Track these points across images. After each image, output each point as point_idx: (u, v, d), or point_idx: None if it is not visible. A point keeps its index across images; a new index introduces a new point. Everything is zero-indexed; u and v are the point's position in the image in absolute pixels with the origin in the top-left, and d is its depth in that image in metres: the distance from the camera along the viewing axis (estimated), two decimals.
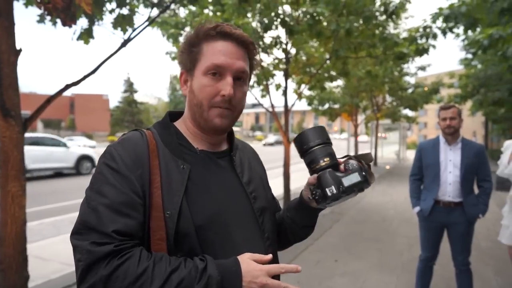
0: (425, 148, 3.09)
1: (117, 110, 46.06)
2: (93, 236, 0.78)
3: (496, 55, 7.76)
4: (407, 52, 6.16)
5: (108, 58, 3.04)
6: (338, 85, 13.31)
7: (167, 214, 0.84)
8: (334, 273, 4.02)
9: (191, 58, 0.94)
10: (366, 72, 8.63)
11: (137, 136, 0.92)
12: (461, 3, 4.93)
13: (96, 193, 0.83)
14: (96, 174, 0.87)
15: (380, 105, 16.10)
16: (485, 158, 2.95)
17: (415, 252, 4.68)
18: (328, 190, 0.89)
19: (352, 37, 5.64)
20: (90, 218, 0.80)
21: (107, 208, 0.81)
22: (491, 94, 12.06)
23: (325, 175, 0.90)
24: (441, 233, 3.03)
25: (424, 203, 3.01)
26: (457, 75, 15.60)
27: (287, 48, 6.53)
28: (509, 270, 3.98)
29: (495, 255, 4.64)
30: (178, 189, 0.87)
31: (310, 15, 4.86)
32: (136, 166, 0.86)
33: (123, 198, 0.82)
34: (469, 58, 14.20)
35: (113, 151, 0.88)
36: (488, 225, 5.87)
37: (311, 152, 0.95)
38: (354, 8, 5.30)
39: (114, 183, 0.83)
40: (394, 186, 10.71)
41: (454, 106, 2.89)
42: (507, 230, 2.93)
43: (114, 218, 0.80)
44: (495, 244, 4.92)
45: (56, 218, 6.65)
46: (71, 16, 2.47)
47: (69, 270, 4.07)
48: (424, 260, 3.12)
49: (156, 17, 3.55)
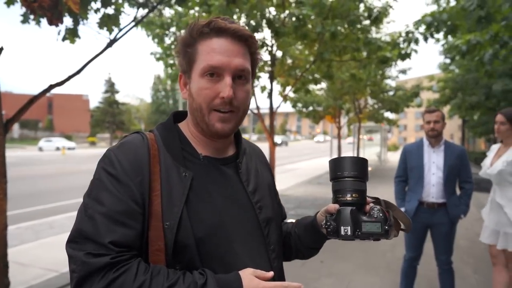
0: (409, 150, 3.17)
1: (98, 111, 45.06)
2: (88, 246, 0.74)
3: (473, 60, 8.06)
4: (390, 56, 6.31)
5: (94, 58, 2.98)
6: (321, 88, 13.48)
7: (166, 225, 0.80)
8: (320, 274, 4.06)
9: (187, 59, 0.88)
10: (350, 75, 8.78)
11: (137, 139, 0.87)
12: (442, 11, 5.09)
13: (94, 200, 0.79)
14: (94, 180, 0.83)
15: (363, 107, 16.39)
16: (467, 160, 3.05)
17: (398, 252, 4.78)
18: (343, 229, 0.84)
19: (337, 41, 5.74)
20: (86, 226, 0.76)
21: (105, 217, 0.77)
22: (468, 98, 12.47)
23: (346, 212, 0.84)
24: (425, 233, 3.11)
25: (408, 204, 3.08)
26: (436, 79, 16.08)
27: (273, 50, 6.57)
28: (487, 268, 4.12)
29: (474, 253, 4.79)
30: (178, 199, 0.82)
31: (296, 17, 4.91)
32: (136, 173, 0.81)
33: (121, 207, 0.78)
34: (447, 63, 14.66)
35: (112, 155, 0.83)
36: (466, 225, 6.05)
37: (342, 181, 0.88)
38: (339, 12, 5.40)
39: (112, 190, 0.79)
40: (376, 188, 10.90)
41: (438, 110, 2.98)
42: (487, 230, 3.04)
43: (111, 228, 0.76)
44: (474, 243, 5.09)
45: (35, 222, 6.45)
46: (58, 14, 2.41)
47: (50, 275, 3.95)
48: (409, 260, 3.19)
49: (143, 17, 3.51)
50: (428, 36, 5.38)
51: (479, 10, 4.80)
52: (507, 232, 2.82)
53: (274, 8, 5.87)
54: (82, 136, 48.44)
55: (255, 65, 0.94)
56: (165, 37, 6.19)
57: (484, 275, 4.06)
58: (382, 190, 10.61)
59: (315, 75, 8.13)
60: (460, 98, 13.38)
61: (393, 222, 0.90)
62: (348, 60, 7.79)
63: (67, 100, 51.37)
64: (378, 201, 0.92)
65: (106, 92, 44.97)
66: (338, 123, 14.20)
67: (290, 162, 21.08)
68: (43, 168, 17.07)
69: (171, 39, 6.23)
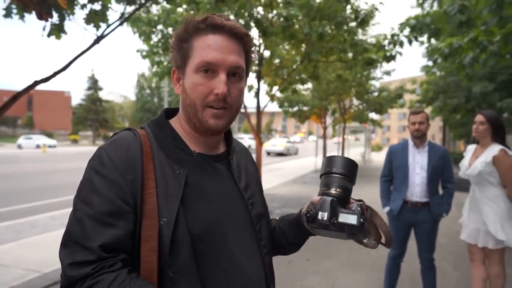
0: (395, 150, 3.24)
1: (80, 108, 44.11)
2: (75, 252, 0.73)
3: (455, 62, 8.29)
4: (375, 58, 6.43)
5: (81, 55, 2.93)
6: (308, 88, 13.60)
7: (163, 221, 0.78)
8: (306, 272, 4.11)
9: (182, 54, 0.87)
10: (336, 76, 8.89)
11: (129, 136, 0.85)
12: (426, 14, 5.22)
13: (82, 202, 0.77)
14: (83, 180, 0.80)
15: (348, 108, 16.62)
16: (449, 161, 3.14)
17: (382, 250, 4.86)
18: (320, 214, 0.89)
19: (324, 41, 5.80)
20: (74, 229, 0.75)
21: (93, 219, 0.75)
22: (449, 101, 12.79)
23: (327, 200, 0.90)
24: (409, 231, 3.19)
25: (393, 203, 3.16)
26: (419, 81, 16.44)
27: (260, 50, 6.59)
28: (467, 264, 4.25)
29: (454, 251, 4.94)
30: (174, 195, 0.81)
31: (284, 18, 4.94)
32: (127, 171, 0.79)
33: (110, 207, 0.76)
34: (430, 65, 15.01)
35: (103, 153, 0.81)
36: (446, 223, 6.22)
37: (331, 176, 0.93)
38: (327, 13, 5.46)
39: (101, 191, 0.77)
40: (360, 187, 11.06)
41: (423, 111, 3.06)
42: (466, 229, 3.14)
43: (99, 231, 0.74)
44: (453, 241, 5.24)
45: (15, 222, 6.28)
46: (47, 9, 2.35)
47: (32, 276, 3.86)
48: (393, 257, 3.27)
49: (132, 13, 3.47)
50: (412, 38, 5.51)
51: (460, 15, 4.95)
52: (487, 230, 2.92)
53: (262, 7, 5.89)
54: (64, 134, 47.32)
55: (249, 63, 0.94)
56: (152, 34, 6.12)
57: (463, 271, 4.19)
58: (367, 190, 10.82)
59: (301, 75, 8.20)
60: (442, 100, 13.71)
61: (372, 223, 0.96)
62: (334, 61, 7.89)
63: (48, 96, 50.11)
64: (361, 201, 0.96)
65: (89, 89, 44.10)
66: (324, 123, 14.35)
67: (275, 162, 21.16)
68: (23, 166, 16.61)
69: (158, 37, 6.18)
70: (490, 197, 2.92)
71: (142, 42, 6.33)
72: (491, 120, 2.93)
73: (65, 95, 54.01)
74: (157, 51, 6.32)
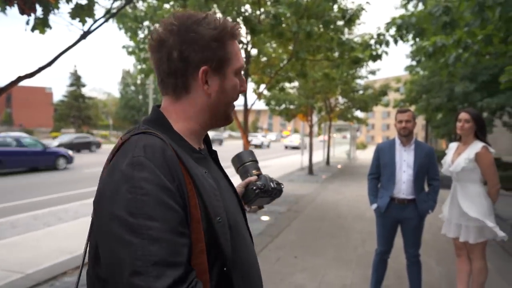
0: (382, 148, 3.29)
1: (62, 105, 43.08)
2: (162, 274, 0.67)
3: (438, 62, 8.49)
4: (362, 57, 6.50)
5: (67, 50, 2.86)
6: (294, 86, 13.66)
7: (219, 221, 0.80)
8: (294, 269, 4.14)
9: (219, 56, 0.88)
10: (323, 74, 8.95)
11: (157, 140, 0.80)
12: (411, 14, 5.32)
13: (149, 219, 0.69)
14: (137, 196, 0.70)
15: (333, 106, 16.77)
16: (435, 159, 3.21)
17: (368, 246, 4.96)
18: (272, 183, 1.18)
19: (312, 40, 5.83)
20: (153, 250, 0.67)
21: (171, 233, 0.70)
22: (433, 100, 13.08)
23: (266, 175, 1.19)
24: (396, 228, 3.25)
25: (381, 201, 3.21)
26: (403, 81, 16.75)
27: (248, 48, 6.58)
28: (449, 259, 4.38)
29: (437, 246, 5.07)
30: (215, 194, 0.83)
31: (272, 16, 4.94)
32: (173, 177, 0.76)
33: (178, 216, 0.73)
34: (413, 65, 15.30)
35: (146, 162, 0.74)
36: (429, 219, 6.35)
37: (245, 165, 1.24)
38: (314, 12, 5.48)
39: (165, 201, 0.72)
40: (347, 185, 11.22)
41: (410, 110, 3.12)
42: (449, 224, 3.22)
43: (181, 242, 0.71)
44: (436, 237, 5.37)
45: None
46: (30, 4, 2.28)
47: (14, 277, 3.76)
48: (380, 253, 3.33)
49: (121, 8, 3.40)
50: (398, 38, 5.60)
51: (444, 16, 5.06)
52: (468, 225, 3.01)
53: (249, 5, 5.88)
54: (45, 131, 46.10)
55: None
56: (138, 30, 6.02)
57: (446, 266, 4.31)
58: (352, 187, 10.94)
59: (289, 74, 8.23)
60: (425, 99, 14.01)
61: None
62: (321, 60, 7.94)
63: (28, 92, 48.67)
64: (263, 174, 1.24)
65: (71, 86, 43.11)
66: (310, 121, 14.45)
67: (262, 160, 21.21)
68: None
69: (144, 33, 6.08)
70: (471, 194, 3.01)
71: (129, 38, 6.23)
72: (476, 118, 3.01)
73: (46, 92, 52.60)
74: (143, 47, 6.23)
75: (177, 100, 0.90)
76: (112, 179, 0.75)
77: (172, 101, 0.90)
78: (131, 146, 0.78)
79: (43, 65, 2.78)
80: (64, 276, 3.89)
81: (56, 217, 6.44)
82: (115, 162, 0.78)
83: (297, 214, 7.02)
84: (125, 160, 0.76)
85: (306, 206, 7.82)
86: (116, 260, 0.69)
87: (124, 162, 0.75)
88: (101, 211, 0.74)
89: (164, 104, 0.92)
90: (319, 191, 9.93)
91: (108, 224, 0.71)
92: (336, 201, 8.57)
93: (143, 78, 44.23)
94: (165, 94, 0.91)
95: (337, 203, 8.32)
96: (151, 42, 0.88)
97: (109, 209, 0.72)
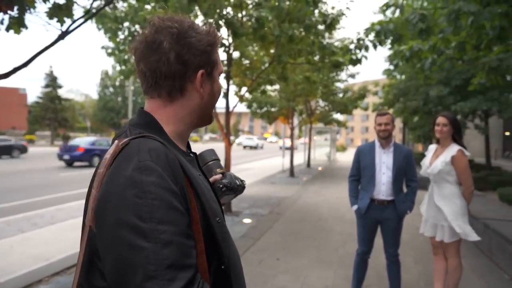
0: (362, 151, 3.36)
1: (37, 107, 41.61)
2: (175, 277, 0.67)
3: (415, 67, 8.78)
4: (342, 61, 6.63)
5: (44, 50, 2.78)
6: (275, 89, 13.77)
7: (218, 221, 0.84)
8: (277, 271, 4.16)
9: (212, 61, 0.92)
10: (304, 77, 9.07)
11: (158, 143, 0.80)
12: (389, 21, 5.48)
13: (160, 223, 0.69)
14: (148, 201, 0.70)
15: (314, 109, 16.99)
16: (413, 161, 3.31)
17: (349, 247, 5.04)
18: (237, 181, 1.22)
19: (294, 44, 5.90)
20: (165, 253, 0.68)
21: (181, 236, 0.71)
22: (409, 103, 13.47)
23: (231, 173, 1.25)
24: (376, 228, 3.32)
25: (361, 202, 3.28)
26: (381, 84, 17.17)
27: (230, 50, 6.59)
28: (427, 258, 4.51)
29: (414, 246, 5.21)
30: (211, 195, 0.87)
31: (255, 19, 4.97)
32: (176, 180, 0.76)
33: (185, 219, 0.74)
34: (391, 69, 15.73)
35: (152, 165, 0.74)
36: (407, 220, 6.53)
37: (208, 165, 1.27)
38: (296, 16, 5.55)
39: (174, 205, 0.73)
40: (327, 187, 11.37)
41: (389, 113, 3.20)
42: (426, 224, 3.33)
43: (190, 244, 0.73)
44: (414, 237, 5.52)
45: None
46: (7, 1, 2.21)
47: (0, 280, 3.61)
48: (361, 254, 3.39)
49: (101, 9, 3.34)
50: (377, 43, 5.75)
51: (421, 23, 5.25)
52: (443, 225, 3.12)
53: (231, 8, 5.89)
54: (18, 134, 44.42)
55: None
56: (119, 31, 5.92)
57: (424, 265, 4.43)
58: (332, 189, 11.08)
59: (270, 77, 8.28)
60: (403, 103, 14.42)
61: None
62: (302, 63, 8.04)
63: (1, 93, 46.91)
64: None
65: (46, 87, 41.73)
66: (291, 124, 14.59)
67: (244, 162, 21.20)
68: None
69: (125, 34, 5.98)
70: (447, 195, 3.12)
71: (108, 39, 6.11)
72: (453, 121, 3.13)
73: (20, 93, 50.78)
74: (123, 48, 6.13)
75: (170, 103, 0.89)
76: (116, 184, 0.73)
77: (163, 103, 0.89)
78: (134, 150, 0.77)
79: (19, 66, 2.69)
80: (40, 284, 3.77)
81: (31, 223, 6.23)
82: (117, 167, 0.76)
83: (279, 217, 7.05)
84: (129, 164, 0.74)
85: (287, 208, 7.87)
86: (125, 266, 0.68)
87: (129, 167, 0.74)
88: (106, 217, 0.72)
89: (151, 107, 0.90)
90: (300, 193, 10.01)
91: (115, 230, 0.70)
92: (317, 203, 8.67)
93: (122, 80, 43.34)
94: (156, 96, 0.89)
95: (318, 205, 8.42)
96: (143, 44, 0.86)
97: (116, 215, 0.71)
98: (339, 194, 9.69)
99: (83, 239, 0.81)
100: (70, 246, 4.75)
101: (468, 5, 4.39)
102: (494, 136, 19.75)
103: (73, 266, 4.27)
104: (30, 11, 3.08)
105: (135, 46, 0.89)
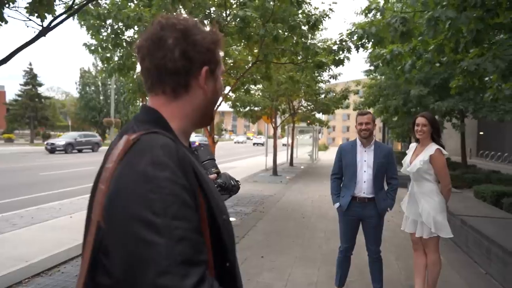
0: (344, 149, 3.44)
1: (16, 105, 40.19)
2: (188, 273, 0.67)
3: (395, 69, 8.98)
4: (325, 61, 6.73)
5: (24, 47, 2.72)
6: (258, 88, 13.82)
7: (225, 218, 0.85)
8: (262, 269, 4.20)
9: (215, 58, 0.93)
10: (288, 77, 9.14)
11: (170, 141, 0.80)
12: (371, 23, 5.60)
13: (175, 219, 0.69)
14: (162, 196, 0.71)
15: (297, 109, 17.14)
16: (393, 159, 3.41)
17: (332, 244, 5.14)
18: (232, 181, 1.26)
19: (278, 44, 5.95)
20: (179, 250, 0.68)
21: (193, 232, 0.71)
22: (390, 103, 13.77)
23: (227, 173, 1.28)
24: (358, 226, 3.40)
25: (343, 200, 3.35)
26: (362, 84, 17.48)
27: None
28: (407, 255, 4.64)
29: (395, 243, 5.35)
30: (216, 193, 0.88)
31: (240, 19, 4.99)
32: (187, 176, 0.77)
33: (197, 216, 0.75)
34: (371, 69, 16.03)
35: (166, 161, 0.75)
36: (388, 217, 6.70)
37: (204, 164, 1.27)
38: (281, 17, 5.60)
39: (188, 201, 0.73)
40: (309, 185, 11.50)
41: (370, 112, 3.29)
42: (407, 220, 3.44)
43: (202, 241, 0.73)
44: (395, 234, 5.68)
45: None
46: None
47: None
48: (343, 250, 3.47)
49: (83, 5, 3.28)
50: (359, 46, 5.86)
51: (401, 26, 5.39)
52: (423, 221, 3.24)
53: (215, 7, 5.89)
54: None
55: None
56: (101, 29, 5.81)
57: (404, 261, 4.57)
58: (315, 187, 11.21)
59: (254, 76, 8.32)
60: (383, 102, 14.72)
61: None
62: (286, 63, 8.11)
63: None
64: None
65: (26, 84, 40.39)
66: (274, 123, 14.66)
67: (227, 161, 21.17)
68: None
69: (107, 31, 5.88)
70: (426, 192, 3.24)
71: (90, 36, 5.99)
72: (432, 121, 3.24)
73: None
74: (106, 46, 6.02)
75: (175, 99, 0.90)
76: (128, 179, 0.73)
77: (167, 100, 0.89)
78: (147, 146, 0.77)
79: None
80: (19, 285, 3.69)
81: (9, 223, 6.05)
82: (129, 162, 0.76)
83: (263, 215, 7.10)
84: (142, 160, 0.74)
85: (271, 207, 7.92)
86: (137, 262, 0.68)
87: (142, 162, 0.74)
88: (118, 212, 0.72)
89: (155, 103, 0.90)
90: (284, 192, 10.10)
91: (127, 225, 0.70)
92: (300, 201, 8.77)
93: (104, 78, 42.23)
94: (161, 93, 0.89)
95: (301, 203, 8.51)
96: (149, 41, 0.87)
97: (129, 210, 0.70)
98: (321, 192, 9.82)
99: (90, 234, 0.79)
100: (51, 246, 4.65)
101: (446, 12, 4.54)
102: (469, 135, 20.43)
103: (54, 267, 4.19)
104: (9, 5, 3.00)
105: (139, 44, 0.89)
